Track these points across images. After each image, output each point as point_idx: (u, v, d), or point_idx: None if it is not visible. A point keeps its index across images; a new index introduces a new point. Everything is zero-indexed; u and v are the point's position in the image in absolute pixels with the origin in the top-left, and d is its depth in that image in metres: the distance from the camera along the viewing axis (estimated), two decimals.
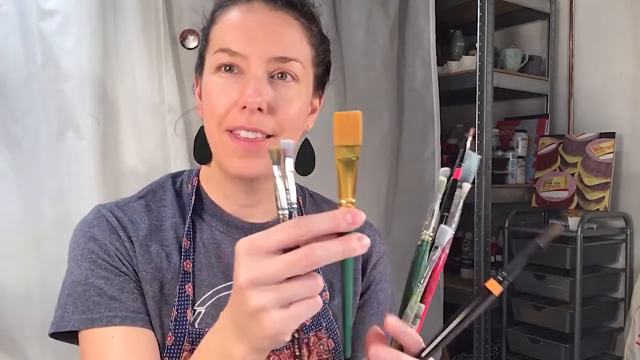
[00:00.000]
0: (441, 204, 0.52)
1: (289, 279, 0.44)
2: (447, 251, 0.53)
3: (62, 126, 1.39)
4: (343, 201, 0.48)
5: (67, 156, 1.40)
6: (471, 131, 0.54)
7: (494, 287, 0.49)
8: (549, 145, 2.32)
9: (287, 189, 0.47)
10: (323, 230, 0.43)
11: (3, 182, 1.35)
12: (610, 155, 2.11)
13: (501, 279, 0.49)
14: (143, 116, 1.49)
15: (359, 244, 0.44)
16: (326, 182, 0.50)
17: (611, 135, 2.13)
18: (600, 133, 2.16)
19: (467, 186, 0.52)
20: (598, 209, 2.11)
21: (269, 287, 0.43)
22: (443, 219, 0.53)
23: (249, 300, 0.43)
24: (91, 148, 1.41)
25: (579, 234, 1.94)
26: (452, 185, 0.53)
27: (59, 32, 1.37)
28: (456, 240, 2.63)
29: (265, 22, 0.69)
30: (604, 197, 2.10)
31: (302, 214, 0.79)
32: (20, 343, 1.33)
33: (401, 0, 2.09)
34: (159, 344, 0.68)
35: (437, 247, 0.52)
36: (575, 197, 2.19)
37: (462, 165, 0.53)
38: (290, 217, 0.46)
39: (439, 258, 0.53)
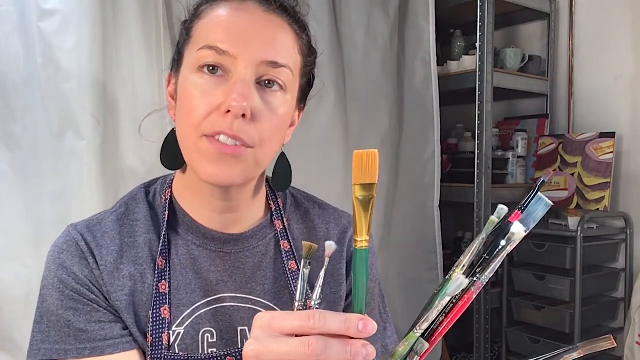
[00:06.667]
0: (484, 245, 0.47)
1: None
2: (471, 299, 0.48)
3: (62, 126, 1.39)
4: (358, 239, 0.47)
5: (67, 156, 1.40)
6: (550, 174, 0.49)
7: None
8: (549, 145, 2.32)
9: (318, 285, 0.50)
10: (334, 330, 0.46)
11: (3, 182, 1.35)
12: (610, 155, 2.11)
13: None
14: (143, 116, 1.49)
15: (364, 353, 0.45)
16: (319, 188, 0.50)
17: (611, 135, 2.13)
18: (600, 133, 2.16)
19: (519, 235, 0.46)
20: (598, 209, 2.11)
21: None
22: (480, 262, 0.47)
23: None
24: (91, 148, 1.41)
25: (579, 234, 1.94)
26: (504, 227, 0.47)
27: (59, 32, 1.37)
28: (456, 241, 2.64)
29: (258, 23, 0.64)
30: (604, 197, 2.10)
31: (285, 226, 0.76)
32: (20, 343, 1.33)
33: (401, 0, 2.10)
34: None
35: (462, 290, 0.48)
36: (575, 197, 2.19)
37: (524, 207, 0.47)
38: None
39: (461, 300, 0.48)
